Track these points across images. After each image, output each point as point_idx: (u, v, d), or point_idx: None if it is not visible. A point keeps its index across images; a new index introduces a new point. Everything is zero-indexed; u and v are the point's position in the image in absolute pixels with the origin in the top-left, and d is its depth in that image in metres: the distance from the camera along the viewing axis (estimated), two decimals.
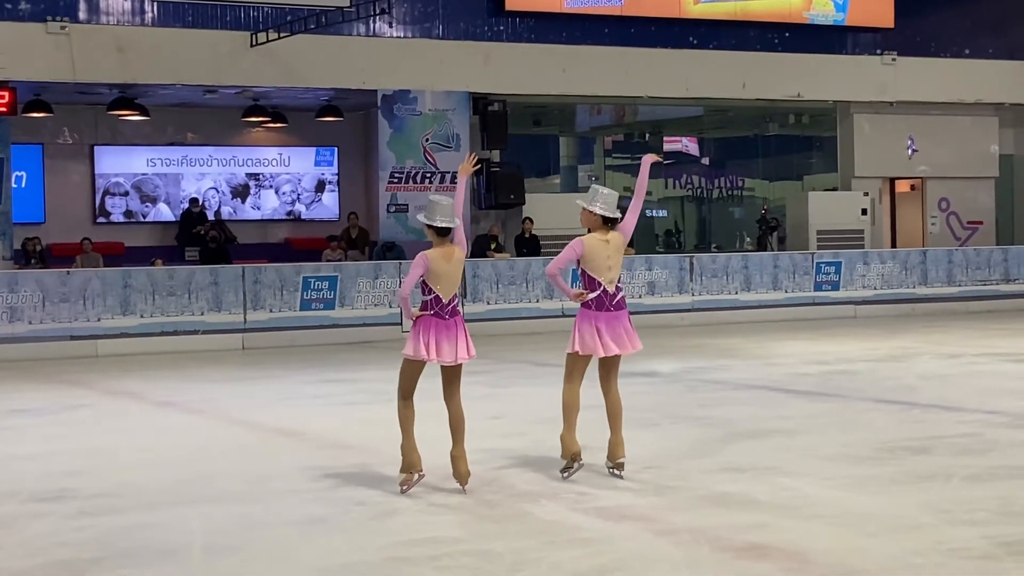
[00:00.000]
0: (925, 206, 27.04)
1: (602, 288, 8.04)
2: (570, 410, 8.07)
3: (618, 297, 8.11)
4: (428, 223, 7.76)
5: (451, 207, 7.81)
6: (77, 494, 8.02)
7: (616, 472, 8.08)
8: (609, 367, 8.19)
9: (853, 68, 25.41)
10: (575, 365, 8.12)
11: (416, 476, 7.77)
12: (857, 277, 23.07)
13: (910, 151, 26.45)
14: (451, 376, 7.85)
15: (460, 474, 7.70)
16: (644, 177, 8.27)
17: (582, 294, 8.03)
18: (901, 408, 11.17)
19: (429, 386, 7.98)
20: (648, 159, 8.28)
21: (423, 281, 7.74)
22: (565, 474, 8.05)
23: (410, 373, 7.79)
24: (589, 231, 8.10)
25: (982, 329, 19.17)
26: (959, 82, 26.12)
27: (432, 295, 7.73)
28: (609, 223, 8.06)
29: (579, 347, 8.02)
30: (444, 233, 7.78)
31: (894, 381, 13.04)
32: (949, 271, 23.78)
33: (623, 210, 8.13)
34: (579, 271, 8.11)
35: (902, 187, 27.21)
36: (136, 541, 6.80)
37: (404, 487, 7.72)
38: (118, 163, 23.87)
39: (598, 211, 8.02)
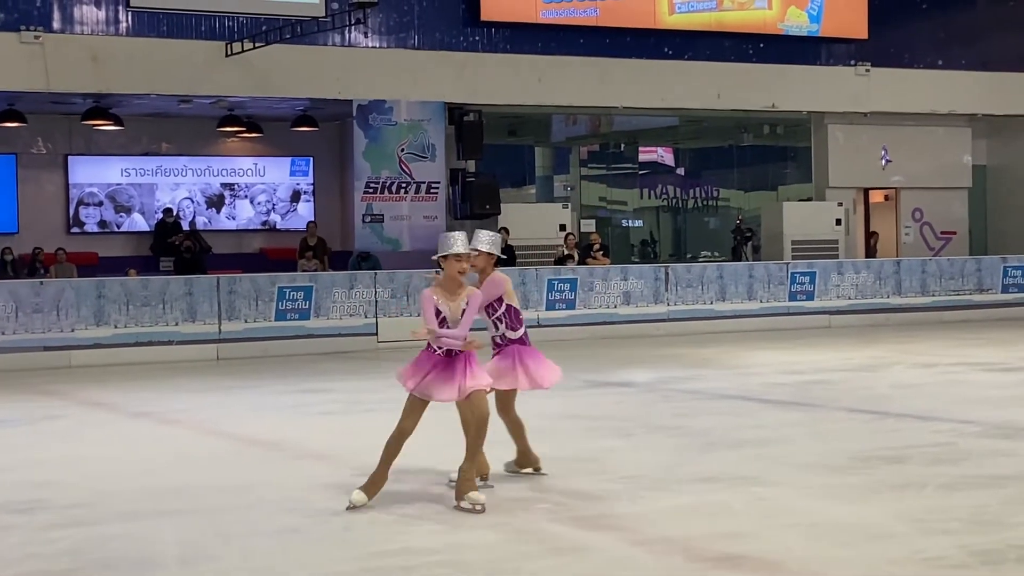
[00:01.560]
0: (899, 216, 27.16)
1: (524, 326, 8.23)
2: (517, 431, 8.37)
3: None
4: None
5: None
6: (50, 505, 7.97)
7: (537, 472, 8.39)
8: (510, 398, 8.33)
9: (827, 79, 25.51)
10: (507, 399, 8.28)
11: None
12: (831, 287, 23.14)
13: (884, 161, 26.57)
14: None
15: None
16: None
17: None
18: (875, 417, 11.21)
19: (399, 395, 7.95)
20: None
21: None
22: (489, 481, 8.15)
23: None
24: (482, 272, 8.05)
25: (956, 339, 19.25)
26: (932, 93, 26.25)
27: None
28: (497, 263, 8.12)
29: (502, 384, 8.11)
30: None
31: (868, 391, 13.09)
32: (923, 281, 23.87)
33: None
34: (504, 308, 8.13)
35: (876, 197, 27.33)
36: (110, 552, 6.76)
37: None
38: (92, 173, 23.78)
39: (486, 249, 8.00)
